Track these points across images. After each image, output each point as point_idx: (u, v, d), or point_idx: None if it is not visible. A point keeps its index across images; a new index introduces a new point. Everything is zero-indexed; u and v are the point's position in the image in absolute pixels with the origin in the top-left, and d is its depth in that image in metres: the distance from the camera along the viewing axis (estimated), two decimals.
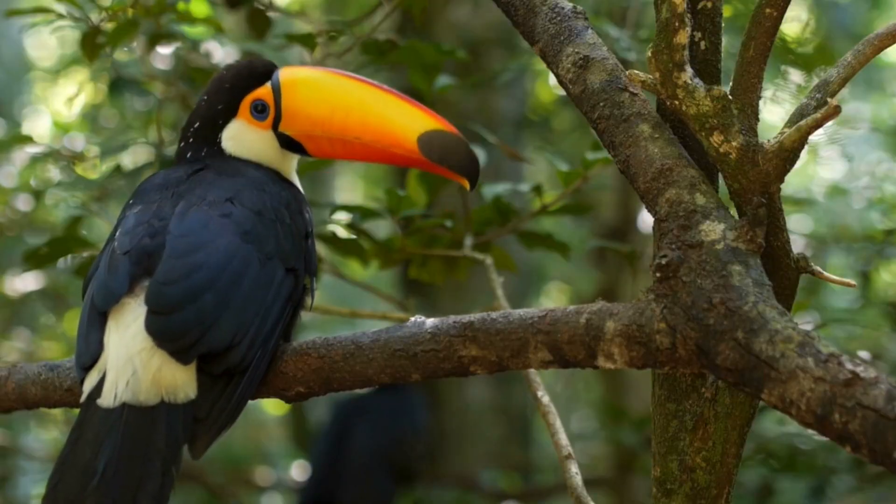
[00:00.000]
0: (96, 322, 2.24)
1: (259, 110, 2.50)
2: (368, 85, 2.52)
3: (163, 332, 2.17)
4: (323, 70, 2.61)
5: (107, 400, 2.15)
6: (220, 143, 2.51)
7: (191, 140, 2.53)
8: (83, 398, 2.19)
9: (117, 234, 2.34)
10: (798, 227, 5.59)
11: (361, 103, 2.50)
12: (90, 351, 2.22)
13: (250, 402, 2.26)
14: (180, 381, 2.16)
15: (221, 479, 6.96)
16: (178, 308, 2.18)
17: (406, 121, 2.48)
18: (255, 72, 2.53)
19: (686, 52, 2.18)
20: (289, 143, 2.53)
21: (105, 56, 3.61)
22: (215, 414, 2.19)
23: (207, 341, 2.17)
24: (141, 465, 2.08)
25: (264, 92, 2.51)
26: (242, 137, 2.51)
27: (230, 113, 2.51)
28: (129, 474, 2.07)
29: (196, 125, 2.53)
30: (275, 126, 2.51)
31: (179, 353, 2.16)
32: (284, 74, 2.53)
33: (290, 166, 2.57)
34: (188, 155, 2.52)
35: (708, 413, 2.28)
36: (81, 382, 2.22)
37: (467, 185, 2.49)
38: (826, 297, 5.16)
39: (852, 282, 2.35)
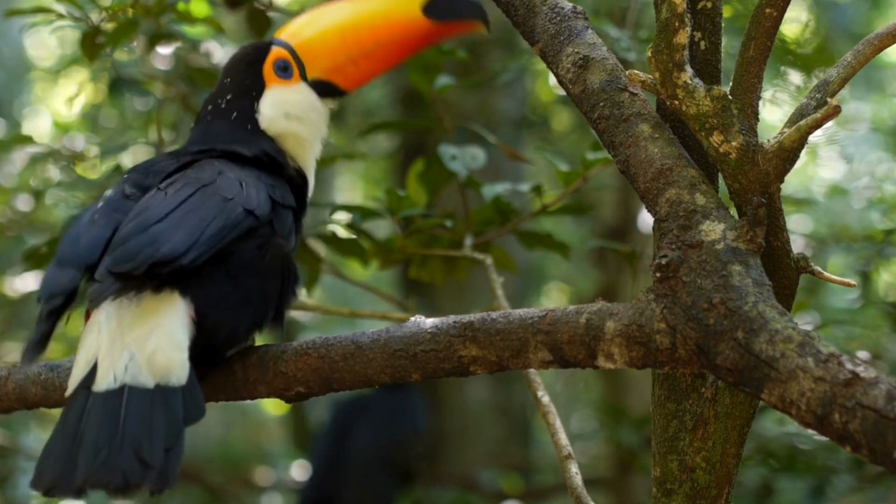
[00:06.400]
0: (70, 266, 2.29)
1: (283, 69, 2.61)
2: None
3: (116, 259, 2.22)
4: (312, 12, 2.74)
5: (104, 385, 2.17)
6: (257, 114, 2.58)
7: (224, 109, 2.58)
8: (72, 389, 2.20)
9: (100, 206, 2.42)
10: (798, 227, 5.59)
11: (359, 14, 2.66)
12: (61, 284, 2.27)
13: (250, 402, 2.28)
14: (172, 366, 2.19)
15: (221, 479, 6.96)
16: (130, 239, 2.25)
17: (402, 2, 2.66)
18: (259, 44, 2.66)
19: (686, 52, 2.18)
20: (322, 88, 2.63)
21: (105, 56, 3.62)
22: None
23: (159, 252, 2.21)
24: (145, 441, 2.10)
25: (278, 53, 2.61)
26: (283, 101, 2.60)
27: (259, 85, 2.60)
28: (134, 450, 2.09)
29: (229, 97, 2.59)
30: (303, 77, 2.62)
31: (135, 268, 2.20)
32: (285, 34, 2.65)
33: (312, 154, 2.63)
34: (218, 122, 2.57)
35: (708, 413, 2.28)
36: (46, 314, 2.26)
37: (483, 29, 2.65)
38: (826, 297, 5.16)
39: (852, 282, 2.35)
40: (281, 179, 2.54)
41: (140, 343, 2.20)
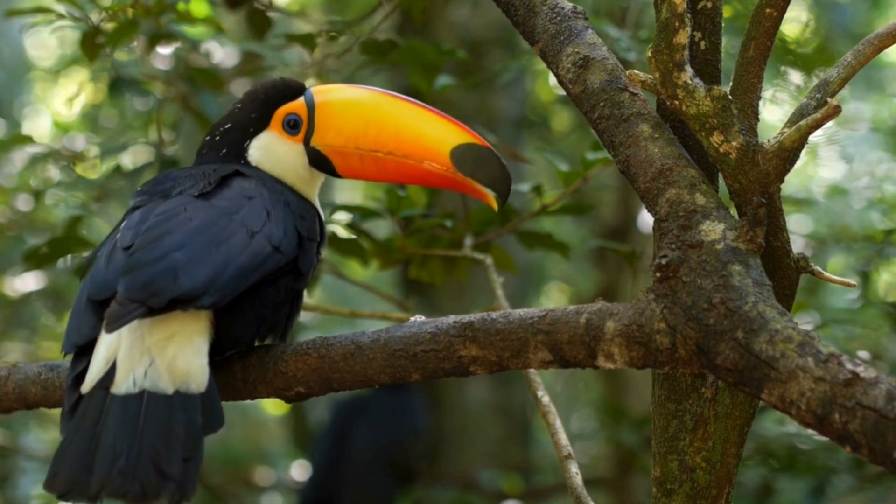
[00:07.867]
0: (91, 309, 2.25)
1: (291, 125, 2.52)
2: (402, 100, 2.53)
3: (133, 285, 2.18)
4: (356, 86, 2.61)
5: (123, 388, 2.15)
6: (247, 152, 2.53)
7: (217, 141, 2.54)
8: (89, 386, 2.17)
9: (121, 227, 2.35)
10: (798, 227, 5.60)
11: (395, 117, 2.51)
12: (83, 333, 2.23)
13: (250, 402, 2.27)
14: (192, 372, 2.18)
15: (221, 479, 6.97)
16: (149, 265, 2.20)
17: (439, 134, 2.49)
18: (289, 87, 2.55)
19: (686, 52, 2.18)
20: (318, 160, 2.53)
21: (105, 56, 3.62)
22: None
23: (179, 286, 2.17)
24: (164, 449, 2.09)
25: (297, 106, 2.53)
26: (271, 149, 2.52)
27: (262, 124, 2.53)
28: (152, 460, 2.08)
29: (226, 126, 2.54)
30: (306, 141, 2.53)
31: (152, 299, 2.16)
32: (318, 90, 2.55)
33: (313, 188, 2.57)
34: (210, 157, 2.53)
35: (708, 413, 2.28)
36: (73, 368, 2.22)
37: (494, 205, 2.49)
38: (826, 297, 5.17)
39: (852, 282, 2.35)
40: (307, 203, 2.49)
41: (160, 347, 2.19)
